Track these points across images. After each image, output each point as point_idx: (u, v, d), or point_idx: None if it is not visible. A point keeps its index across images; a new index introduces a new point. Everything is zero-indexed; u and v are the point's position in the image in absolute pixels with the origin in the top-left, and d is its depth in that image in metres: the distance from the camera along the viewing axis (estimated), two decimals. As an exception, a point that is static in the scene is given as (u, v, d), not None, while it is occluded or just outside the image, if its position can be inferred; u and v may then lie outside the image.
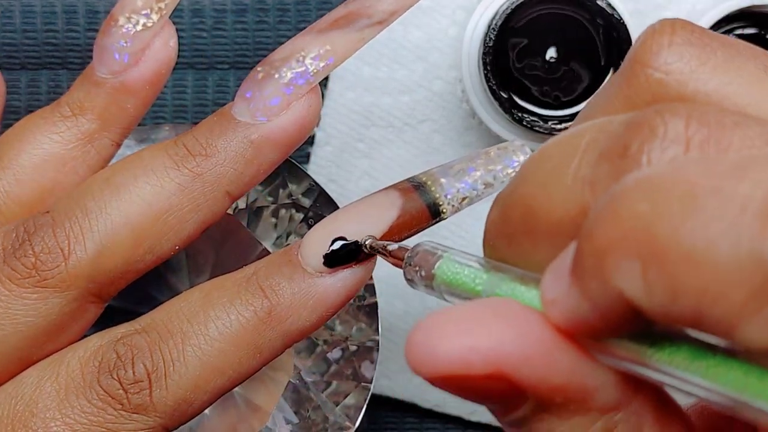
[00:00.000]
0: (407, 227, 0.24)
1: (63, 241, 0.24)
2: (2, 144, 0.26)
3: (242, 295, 0.24)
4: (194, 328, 0.24)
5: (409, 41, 0.38)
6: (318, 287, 0.24)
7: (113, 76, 0.26)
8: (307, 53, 0.25)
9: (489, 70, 0.34)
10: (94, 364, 0.23)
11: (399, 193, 0.25)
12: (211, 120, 0.25)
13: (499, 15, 0.34)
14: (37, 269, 0.24)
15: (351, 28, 0.25)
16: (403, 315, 0.39)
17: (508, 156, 0.25)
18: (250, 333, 0.24)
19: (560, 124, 0.34)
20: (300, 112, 0.25)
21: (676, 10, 0.38)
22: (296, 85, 0.25)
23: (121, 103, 0.26)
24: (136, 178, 0.25)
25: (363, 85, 0.38)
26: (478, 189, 0.25)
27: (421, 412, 0.39)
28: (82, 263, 0.24)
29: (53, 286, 0.24)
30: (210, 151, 0.25)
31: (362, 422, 0.30)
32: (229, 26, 0.39)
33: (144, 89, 0.26)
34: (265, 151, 0.25)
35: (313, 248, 0.24)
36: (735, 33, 0.36)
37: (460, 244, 0.39)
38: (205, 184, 0.25)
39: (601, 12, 0.34)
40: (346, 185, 0.38)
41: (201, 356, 0.23)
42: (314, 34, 0.25)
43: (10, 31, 0.39)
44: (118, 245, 0.24)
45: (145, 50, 0.26)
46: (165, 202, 0.24)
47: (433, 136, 0.38)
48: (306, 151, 0.39)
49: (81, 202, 0.24)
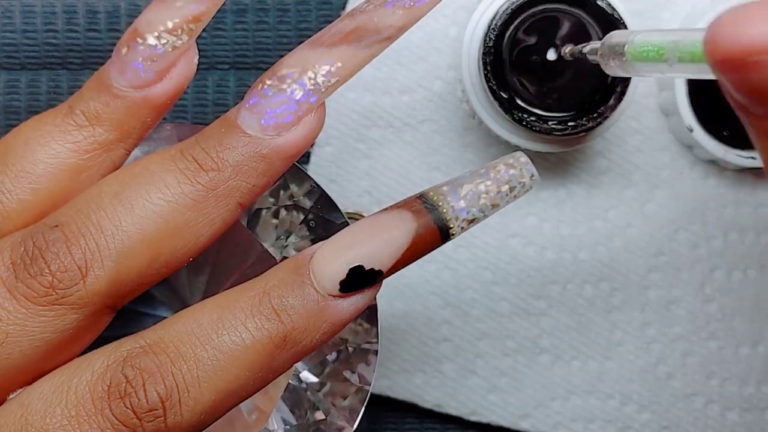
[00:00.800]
0: (419, 251, 0.24)
1: (80, 259, 0.24)
2: (10, 149, 0.26)
3: (256, 318, 0.24)
4: (208, 353, 0.23)
5: (409, 41, 0.38)
6: (332, 310, 0.24)
7: (134, 89, 0.25)
8: (318, 70, 0.25)
9: (489, 70, 0.34)
10: (102, 388, 0.23)
11: (412, 215, 0.24)
12: (217, 130, 0.25)
13: (499, 15, 0.34)
14: (54, 288, 0.23)
15: (360, 44, 0.25)
16: (403, 315, 0.39)
17: (515, 176, 0.25)
18: (264, 357, 0.23)
19: (560, 124, 0.34)
20: (311, 126, 0.25)
21: (676, 10, 0.38)
22: (308, 102, 0.25)
23: (141, 117, 0.26)
24: (150, 195, 0.24)
25: (363, 85, 0.38)
26: (485, 211, 0.25)
27: (421, 412, 0.39)
28: (101, 281, 0.24)
29: (71, 304, 0.24)
30: (222, 165, 0.24)
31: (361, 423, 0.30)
32: (229, 26, 0.39)
33: (166, 104, 0.26)
34: (276, 164, 0.25)
35: (329, 273, 0.24)
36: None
37: (458, 243, 0.39)
38: (218, 198, 0.24)
39: (601, 12, 0.34)
40: (347, 185, 0.38)
41: (216, 382, 0.23)
42: (324, 49, 0.25)
43: (10, 31, 0.39)
44: (134, 262, 0.24)
45: (170, 68, 0.25)
46: (181, 217, 0.24)
47: (433, 137, 0.38)
48: (306, 152, 0.39)
49: (94, 219, 0.24)
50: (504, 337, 0.39)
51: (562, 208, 0.39)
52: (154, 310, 0.32)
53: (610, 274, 0.39)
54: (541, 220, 0.39)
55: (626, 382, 0.39)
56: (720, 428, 0.39)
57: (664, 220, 0.39)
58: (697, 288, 0.39)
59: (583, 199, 0.39)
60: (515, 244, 0.39)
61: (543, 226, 0.39)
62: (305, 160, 0.39)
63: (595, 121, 0.34)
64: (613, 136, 0.38)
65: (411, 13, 0.25)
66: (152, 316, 0.32)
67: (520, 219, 0.39)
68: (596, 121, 0.34)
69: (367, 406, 0.30)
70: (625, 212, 0.39)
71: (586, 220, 0.39)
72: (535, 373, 0.39)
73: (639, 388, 0.39)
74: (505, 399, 0.39)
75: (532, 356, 0.39)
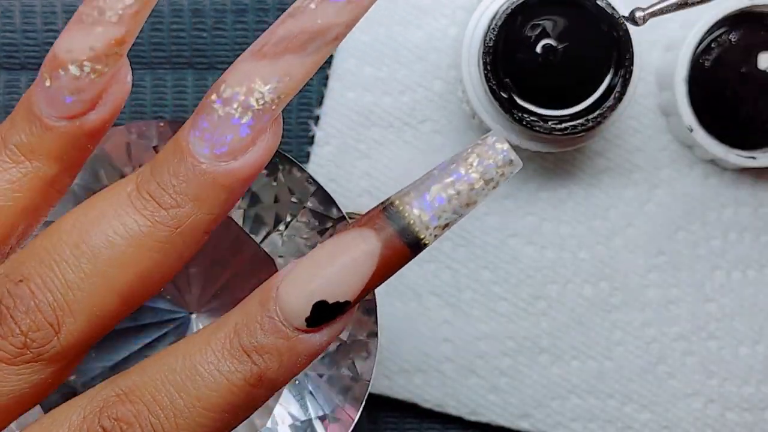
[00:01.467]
0: (388, 272, 0.22)
1: (50, 316, 0.23)
2: None
3: (228, 362, 0.23)
4: (185, 401, 0.22)
5: (409, 41, 0.38)
6: (305, 344, 0.23)
7: (68, 122, 0.23)
8: (265, 87, 0.22)
9: (489, 70, 0.34)
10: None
11: (374, 234, 0.22)
12: (171, 161, 0.23)
13: (499, 15, 0.34)
14: (28, 347, 0.23)
15: (307, 51, 0.23)
16: (403, 315, 0.39)
17: (490, 164, 0.22)
18: (242, 398, 0.23)
19: (560, 123, 0.34)
20: (267, 145, 0.23)
21: (677, 10, 0.38)
22: (260, 122, 0.23)
23: (80, 146, 0.24)
24: (113, 245, 0.23)
25: (363, 85, 0.38)
26: (461, 212, 0.22)
27: (421, 412, 0.39)
28: (75, 335, 0.23)
29: (48, 359, 0.23)
30: (181, 200, 0.23)
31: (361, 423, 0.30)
32: (229, 26, 0.39)
33: (104, 128, 0.24)
34: (236, 187, 0.23)
35: (293, 310, 0.22)
36: (735, 33, 0.36)
37: (458, 243, 0.39)
38: (184, 236, 0.23)
39: (601, 12, 0.34)
40: (346, 185, 0.38)
41: (196, 428, 0.22)
42: (268, 61, 0.23)
43: (10, 31, 0.39)
44: (106, 310, 0.23)
45: (102, 95, 0.23)
46: (148, 262, 0.23)
47: (433, 136, 0.38)
48: (306, 151, 0.39)
49: (58, 273, 0.23)
50: (504, 337, 0.39)
51: (562, 207, 0.39)
52: (153, 303, 0.32)
53: (610, 273, 0.39)
54: (540, 219, 0.39)
55: (626, 381, 0.39)
56: (720, 428, 0.39)
57: (664, 219, 0.39)
58: (697, 288, 0.39)
59: (583, 199, 0.39)
60: (515, 243, 0.39)
61: (543, 225, 0.39)
62: (305, 160, 0.39)
63: (595, 121, 0.34)
64: (613, 136, 0.38)
65: (359, 6, 0.22)
66: (151, 308, 0.32)
67: (520, 219, 0.39)
68: (596, 121, 0.34)
69: (367, 406, 0.30)
70: (625, 212, 0.39)
71: (586, 220, 0.39)
72: (535, 373, 0.39)
73: (639, 388, 0.39)
74: (505, 399, 0.39)
75: (532, 356, 0.39)
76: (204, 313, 0.32)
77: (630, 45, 0.34)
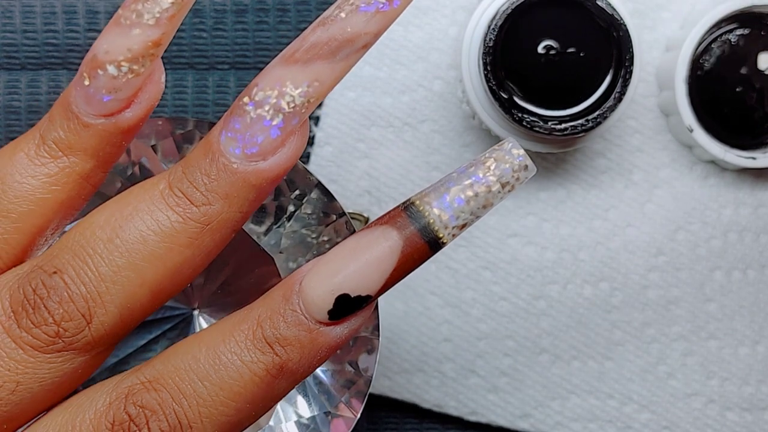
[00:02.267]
0: (409, 268, 0.24)
1: (83, 307, 0.23)
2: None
3: (251, 352, 0.23)
4: (208, 390, 0.23)
5: (409, 41, 0.38)
6: (326, 337, 0.24)
7: (104, 118, 0.25)
8: (297, 91, 0.24)
9: (489, 70, 0.34)
10: (106, 427, 0.23)
11: (397, 232, 0.23)
12: (203, 159, 0.24)
13: (499, 15, 0.34)
14: (60, 336, 0.23)
15: (336, 58, 0.24)
16: (403, 315, 0.39)
17: (506, 169, 0.23)
18: (263, 389, 0.23)
19: (560, 124, 0.34)
20: (296, 146, 0.24)
21: (676, 10, 0.38)
22: (290, 125, 0.24)
23: (115, 143, 0.25)
24: (145, 240, 0.24)
25: (363, 85, 0.38)
26: (478, 213, 0.23)
27: (421, 412, 0.39)
28: (106, 326, 0.24)
29: (79, 349, 0.24)
30: (212, 199, 0.24)
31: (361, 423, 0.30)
32: (229, 26, 0.39)
33: (138, 126, 0.25)
34: (265, 188, 0.24)
35: (316, 303, 0.23)
36: (735, 33, 0.36)
37: (458, 243, 0.39)
38: (213, 232, 0.24)
39: (601, 12, 0.34)
40: (347, 185, 0.38)
41: (218, 417, 0.23)
42: (300, 66, 0.24)
43: (10, 31, 0.39)
44: (137, 304, 0.24)
45: (138, 94, 0.24)
46: (178, 257, 0.24)
47: (433, 137, 0.38)
48: (306, 151, 0.39)
49: (92, 265, 0.24)
50: (504, 337, 0.39)
51: (562, 208, 0.39)
52: None
53: (610, 273, 0.39)
54: (540, 219, 0.39)
55: (626, 382, 0.39)
56: (720, 428, 0.39)
57: (664, 220, 0.39)
58: (696, 288, 0.39)
59: (583, 199, 0.39)
60: (515, 243, 0.39)
61: (543, 225, 0.39)
62: (305, 160, 0.39)
63: (595, 121, 0.34)
64: (613, 136, 0.38)
65: (387, 16, 0.24)
66: None
67: (520, 219, 0.39)
68: (596, 121, 0.34)
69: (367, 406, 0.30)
70: (625, 212, 0.39)
71: (586, 220, 0.39)
72: (535, 373, 0.39)
73: (639, 388, 0.39)
74: (505, 399, 0.39)
75: (532, 356, 0.39)
76: (206, 309, 0.32)
77: (630, 45, 0.34)
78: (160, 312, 0.32)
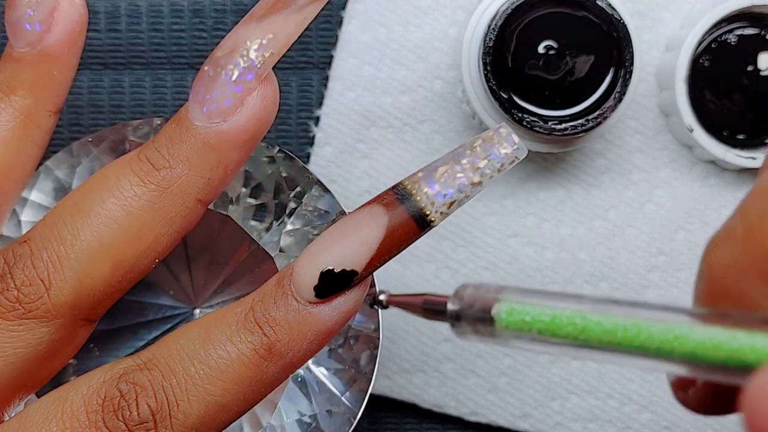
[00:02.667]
0: (396, 245, 0.23)
1: (42, 272, 0.24)
2: None
3: (241, 333, 0.24)
4: (196, 367, 0.23)
5: (409, 41, 0.38)
6: (315, 317, 0.24)
7: (31, 48, 0.26)
8: (251, 45, 0.24)
9: (489, 70, 0.34)
10: (97, 402, 0.23)
11: (383, 209, 0.23)
12: (170, 128, 0.25)
13: (499, 15, 0.34)
14: (20, 302, 0.24)
15: (291, 10, 0.24)
16: (403, 315, 0.39)
17: (494, 148, 0.24)
18: (252, 370, 0.23)
19: (560, 124, 0.34)
20: (255, 106, 0.24)
21: (676, 10, 0.38)
22: (245, 81, 0.24)
23: (47, 72, 0.26)
24: (104, 201, 0.24)
25: (363, 85, 0.38)
26: (465, 191, 0.23)
27: (421, 412, 0.39)
28: (64, 292, 0.24)
29: (39, 317, 0.24)
30: (173, 162, 0.24)
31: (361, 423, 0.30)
32: (229, 26, 0.39)
33: (64, 52, 0.26)
34: (227, 152, 0.24)
35: (304, 281, 0.23)
36: (735, 33, 0.36)
37: (458, 243, 0.39)
38: (174, 197, 0.24)
39: (601, 12, 0.34)
40: (347, 185, 0.38)
41: (205, 395, 0.23)
42: (254, 23, 0.24)
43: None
44: (97, 270, 0.24)
45: (53, 14, 0.26)
46: (137, 220, 0.24)
47: (433, 137, 0.38)
48: (306, 151, 0.39)
49: (55, 231, 0.24)
50: (504, 337, 0.39)
51: (562, 208, 0.39)
52: (157, 299, 0.33)
53: (610, 273, 0.39)
54: (540, 220, 0.39)
55: (626, 382, 0.39)
56: (720, 428, 0.39)
57: (664, 220, 0.39)
58: (697, 288, 0.39)
59: (583, 199, 0.39)
60: (515, 244, 0.39)
61: (543, 226, 0.39)
62: (305, 160, 0.39)
63: (595, 121, 0.34)
64: (613, 136, 0.38)
65: None
66: (155, 305, 0.32)
67: (520, 219, 0.39)
68: (596, 121, 0.34)
69: (367, 406, 0.30)
70: (625, 212, 0.39)
71: (586, 220, 0.39)
72: (535, 373, 0.39)
73: (639, 388, 0.39)
74: (505, 399, 0.39)
75: (532, 356, 0.39)
76: (206, 308, 0.32)
77: (630, 45, 0.34)
78: (160, 312, 0.32)
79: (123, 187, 0.24)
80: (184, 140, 0.24)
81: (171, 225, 0.25)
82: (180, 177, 0.24)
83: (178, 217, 0.25)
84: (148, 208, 0.24)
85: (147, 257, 0.25)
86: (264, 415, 0.31)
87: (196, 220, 0.25)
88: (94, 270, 0.24)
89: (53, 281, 0.24)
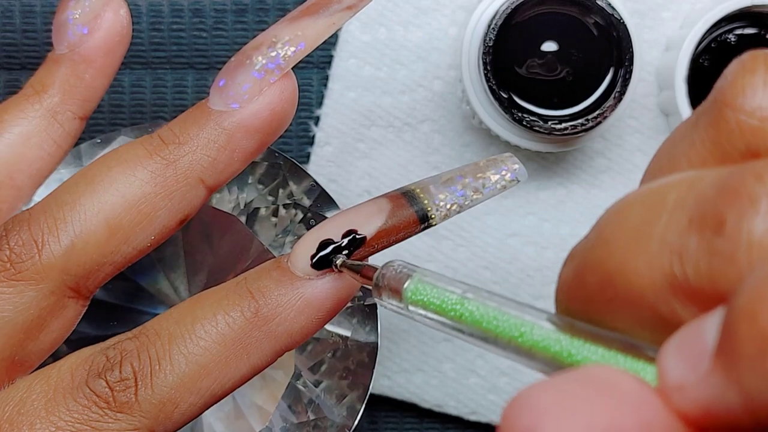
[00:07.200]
0: (395, 232, 0.24)
1: (37, 233, 0.24)
2: None
3: (230, 298, 0.24)
4: (180, 329, 0.24)
5: (409, 41, 0.38)
6: (305, 288, 0.24)
7: (70, 50, 0.27)
8: (279, 39, 0.25)
9: (489, 70, 0.34)
10: (84, 368, 0.23)
11: (388, 200, 0.25)
12: (188, 111, 0.26)
13: (499, 15, 0.34)
14: (11, 262, 0.24)
15: (321, 14, 0.25)
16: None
17: (497, 165, 0.25)
18: (236, 332, 0.24)
19: (560, 123, 0.34)
20: (272, 97, 0.25)
21: (676, 10, 0.38)
22: (267, 70, 0.25)
23: (78, 74, 0.27)
24: (110, 169, 0.25)
25: (363, 84, 0.38)
26: (467, 196, 0.25)
27: (421, 412, 0.39)
28: (56, 255, 0.24)
29: (27, 279, 0.24)
30: (183, 139, 0.25)
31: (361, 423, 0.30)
32: (229, 26, 0.39)
33: (99, 58, 0.27)
34: (237, 137, 0.25)
35: (301, 252, 0.24)
36: (735, 33, 0.36)
37: (458, 242, 0.39)
38: (177, 171, 0.25)
39: (601, 12, 0.34)
40: (346, 185, 0.38)
41: (186, 354, 0.23)
42: (286, 23, 0.25)
43: (10, 31, 0.39)
44: (91, 236, 0.24)
45: (97, 20, 0.27)
46: (138, 190, 0.25)
47: (433, 136, 0.38)
48: (306, 151, 0.39)
49: (57, 196, 0.25)
50: (504, 337, 0.39)
51: (562, 207, 0.39)
52: (154, 308, 0.33)
53: (610, 273, 0.39)
54: (540, 219, 0.39)
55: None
56: None
57: (664, 219, 0.39)
58: (697, 288, 0.39)
59: (583, 199, 0.39)
60: (515, 243, 0.39)
61: (543, 225, 0.39)
62: (305, 160, 0.39)
63: (595, 121, 0.34)
64: (613, 136, 0.38)
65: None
66: (152, 314, 0.32)
67: (520, 219, 0.39)
68: (596, 121, 0.34)
69: (367, 406, 0.30)
70: (625, 212, 0.39)
71: (586, 220, 0.39)
72: (536, 373, 0.39)
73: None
74: (505, 399, 0.39)
75: (532, 356, 0.39)
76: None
77: (630, 45, 0.34)
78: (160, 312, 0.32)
79: (130, 159, 0.25)
80: (197, 120, 0.25)
81: (170, 199, 0.25)
82: (186, 153, 0.25)
83: (178, 193, 0.25)
84: (150, 179, 0.25)
85: (143, 230, 0.25)
86: (262, 416, 0.31)
87: (197, 203, 0.25)
88: (88, 235, 0.24)
89: (46, 242, 0.24)
